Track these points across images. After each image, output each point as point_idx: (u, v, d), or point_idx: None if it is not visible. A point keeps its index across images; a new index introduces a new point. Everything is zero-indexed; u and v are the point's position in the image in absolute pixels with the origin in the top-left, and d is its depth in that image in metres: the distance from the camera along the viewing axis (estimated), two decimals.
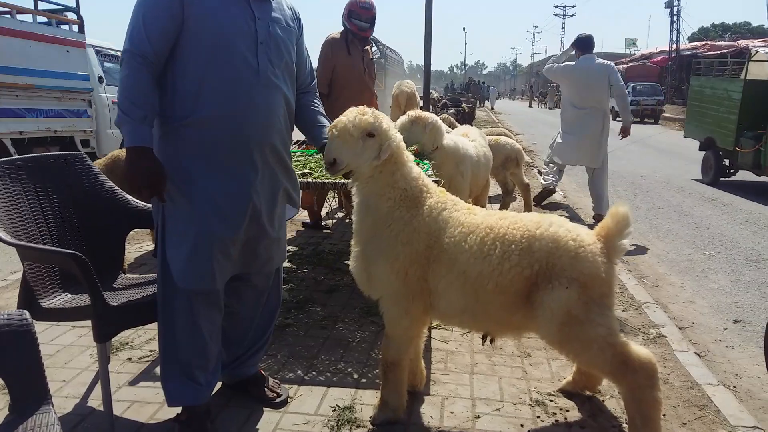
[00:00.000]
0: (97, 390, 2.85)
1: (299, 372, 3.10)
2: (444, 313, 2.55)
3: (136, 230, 4.04)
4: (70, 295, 2.71)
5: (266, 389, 2.84)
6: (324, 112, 2.81)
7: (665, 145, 16.77)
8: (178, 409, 2.59)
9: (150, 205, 3.02)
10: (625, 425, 2.67)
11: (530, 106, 45.25)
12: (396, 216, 2.46)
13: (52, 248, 2.43)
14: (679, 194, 9.13)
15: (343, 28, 5.55)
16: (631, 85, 24.72)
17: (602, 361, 2.35)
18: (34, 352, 1.69)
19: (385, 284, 2.53)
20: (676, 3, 30.61)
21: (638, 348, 2.39)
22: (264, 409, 2.76)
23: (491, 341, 2.81)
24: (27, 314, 1.71)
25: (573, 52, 7.28)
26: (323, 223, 6.29)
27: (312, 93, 2.80)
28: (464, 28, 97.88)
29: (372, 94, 5.70)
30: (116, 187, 3.07)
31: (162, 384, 2.57)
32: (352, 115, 2.44)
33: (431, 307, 2.54)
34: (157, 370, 2.82)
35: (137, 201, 3.04)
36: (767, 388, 3.25)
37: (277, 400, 2.80)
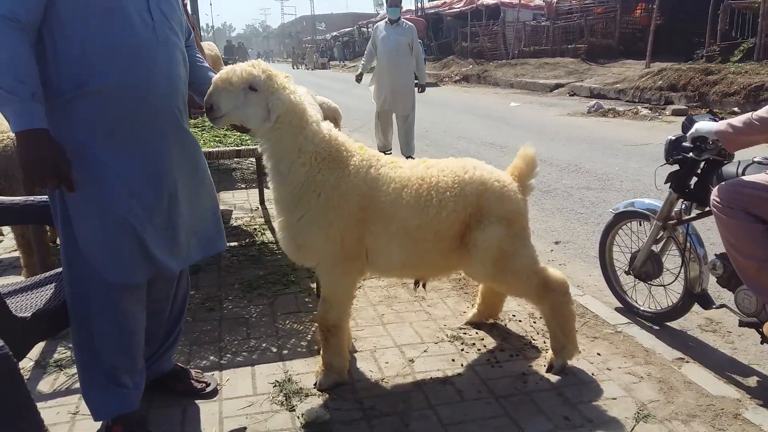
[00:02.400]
0: None
1: (212, 358, 2.89)
2: (383, 269, 2.59)
3: None
4: None
5: (192, 381, 2.61)
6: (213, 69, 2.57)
7: (439, 100, 18.16)
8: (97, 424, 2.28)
9: (6, 199, 2.54)
10: (532, 341, 3.02)
11: (295, 68, 45.30)
12: (319, 180, 2.39)
13: None
14: (463, 141, 10.07)
15: None
16: None
17: (529, 286, 2.62)
18: (18, 385, 1.37)
19: (320, 251, 2.47)
20: None
21: (553, 270, 2.70)
22: (196, 402, 2.54)
23: (423, 285, 2.92)
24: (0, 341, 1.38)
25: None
26: None
27: (193, 48, 2.50)
28: None
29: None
30: None
31: (84, 398, 2.24)
32: (240, 65, 2.30)
33: (369, 265, 2.55)
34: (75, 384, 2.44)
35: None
36: (607, 293, 3.86)
37: (208, 389, 2.59)
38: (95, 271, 2.09)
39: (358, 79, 8.50)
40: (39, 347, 2.98)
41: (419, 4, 31.51)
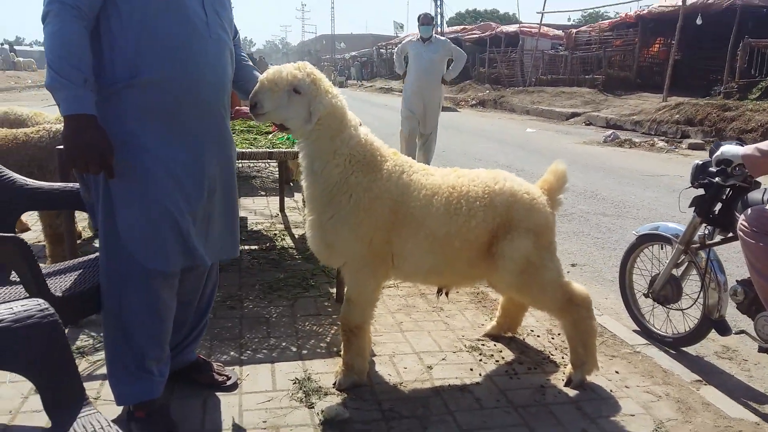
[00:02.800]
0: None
1: (233, 353, 2.92)
2: (409, 273, 2.62)
3: None
4: None
5: (213, 373, 2.64)
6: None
7: (455, 123, 18.27)
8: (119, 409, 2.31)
9: (42, 184, 2.60)
10: (550, 356, 3.03)
11: None
12: (352, 183, 2.44)
13: None
14: (480, 163, 10.13)
15: None
16: None
17: (554, 300, 2.64)
18: (62, 346, 1.41)
19: (348, 252, 2.51)
20: None
21: (577, 285, 2.72)
22: (216, 394, 2.57)
23: (446, 294, 2.95)
24: (44, 302, 1.42)
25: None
26: None
27: (239, 47, 2.59)
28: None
29: None
30: None
31: (110, 382, 2.28)
32: (287, 67, 2.37)
33: (395, 269, 2.59)
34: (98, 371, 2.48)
35: (25, 179, 2.58)
36: (624, 316, 3.87)
37: (228, 382, 2.62)
38: (133, 258, 2.14)
39: (403, 78, 7.91)
40: None
41: (439, 29, 31.84)
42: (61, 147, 2.86)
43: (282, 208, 5.70)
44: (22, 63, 42.00)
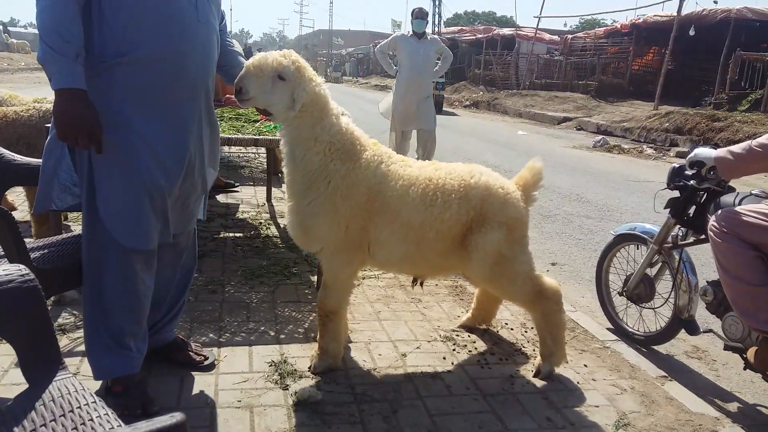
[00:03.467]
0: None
1: (212, 335, 2.98)
2: (383, 261, 2.69)
3: None
4: None
5: (191, 353, 2.70)
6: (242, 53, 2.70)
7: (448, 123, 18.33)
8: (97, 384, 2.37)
9: (30, 160, 2.65)
10: (522, 348, 3.10)
11: None
12: (331, 169, 2.50)
13: None
14: (468, 162, 10.21)
15: None
16: None
17: (524, 292, 2.71)
18: (41, 310, 1.47)
19: (325, 237, 2.57)
20: None
21: (548, 279, 2.80)
22: (193, 373, 2.63)
23: (421, 284, 3.02)
24: (25, 268, 1.48)
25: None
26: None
27: (225, 32, 2.62)
28: None
29: None
30: None
31: (88, 357, 2.33)
32: (273, 54, 2.42)
33: (370, 256, 2.65)
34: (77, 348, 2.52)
35: (13, 155, 2.63)
36: (598, 314, 3.95)
37: (205, 362, 2.68)
38: (111, 235, 2.19)
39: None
40: None
41: (437, 29, 31.95)
42: (50, 125, 2.91)
43: (269, 198, 5.75)
44: (16, 45, 41.68)
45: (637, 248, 3.58)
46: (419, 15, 7.35)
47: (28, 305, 1.42)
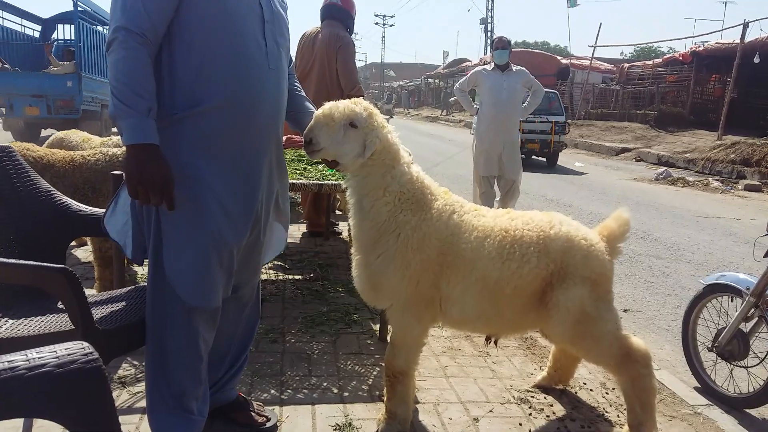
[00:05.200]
0: None
1: (273, 391, 2.85)
2: (456, 319, 2.51)
3: None
4: (13, 321, 2.21)
5: (252, 413, 2.56)
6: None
7: None
8: None
9: (96, 210, 2.60)
10: (605, 413, 2.85)
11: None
12: (401, 221, 2.36)
13: (33, 263, 1.95)
14: (527, 197, 9.96)
15: (330, 22, 5.25)
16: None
17: (610, 354, 2.48)
18: (106, 395, 1.35)
19: (395, 293, 2.42)
20: (489, 20, 33.54)
21: (636, 339, 2.56)
22: None
23: (495, 342, 2.82)
24: (89, 346, 1.37)
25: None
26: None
27: (293, 76, 2.55)
28: None
29: None
30: (53, 189, 2.58)
31: (149, 418, 2.21)
32: (343, 102, 2.32)
33: (442, 313, 2.48)
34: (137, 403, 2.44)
35: (79, 205, 2.59)
36: (680, 369, 3.66)
37: (268, 424, 2.54)
38: (175, 293, 2.10)
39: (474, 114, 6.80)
40: None
41: (487, 58, 31.91)
42: (117, 172, 2.88)
43: (327, 237, 5.66)
44: None
45: (731, 300, 3.28)
46: (500, 45, 6.44)
47: (90, 389, 1.31)
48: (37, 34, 16.20)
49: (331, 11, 5.26)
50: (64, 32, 16.18)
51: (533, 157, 14.85)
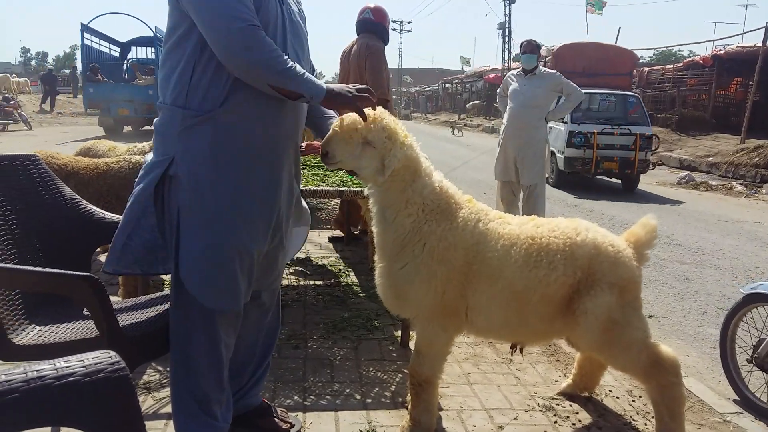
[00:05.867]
0: None
1: (296, 398, 2.84)
2: (482, 327, 2.49)
3: None
4: (40, 327, 2.23)
5: (276, 419, 2.56)
6: None
7: None
8: None
9: (120, 217, 2.61)
10: (632, 421, 2.80)
11: None
12: (426, 231, 2.34)
13: (58, 271, 1.97)
14: (548, 202, 9.88)
15: (366, 35, 5.29)
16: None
17: (638, 362, 2.44)
18: (133, 405, 1.35)
19: (420, 303, 2.40)
20: (507, 25, 33.41)
21: (665, 347, 2.52)
22: None
23: (520, 351, 2.79)
24: (115, 355, 1.37)
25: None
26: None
27: None
28: None
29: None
30: (77, 196, 2.60)
31: (174, 424, 2.22)
32: (362, 118, 2.29)
33: (468, 322, 2.46)
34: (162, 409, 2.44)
35: (104, 212, 2.61)
36: (707, 376, 3.59)
37: (292, 430, 2.53)
38: (196, 298, 2.10)
39: None
40: None
41: (506, 64, 31.76)
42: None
43: (347, 242, 5.65)
44: None
45: None
46: (527, 49, 6.22)
47: (116, 397, 1.30)
48: (116, 54, 22.53)
49: (365, 26, 5.33)
50: (139, 52, 22.58)
51: (612, 179, 11.92)
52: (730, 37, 22.87)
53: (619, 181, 11.70)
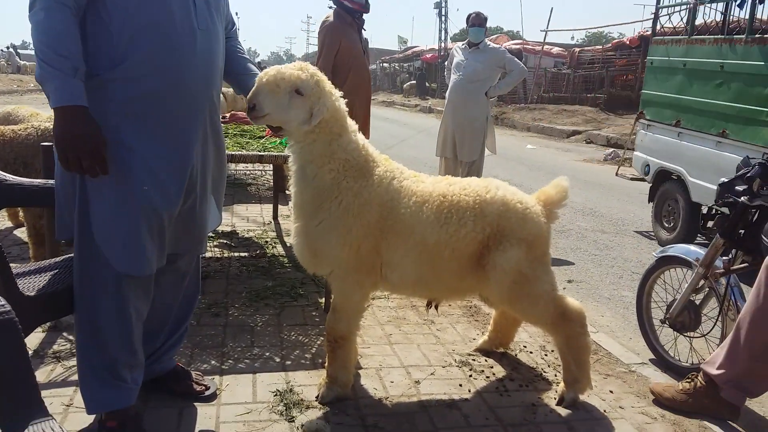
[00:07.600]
0: None
1: (213, 362, 2.82)
2: (397, 283, 2.52)
3: None
4: None
5: (191, 383, 2.54)
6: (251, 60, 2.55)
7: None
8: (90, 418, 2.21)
9: (22, 180, 2.51)
10: (543, 373, 2.92)
11: None
12: (343, 187, 2.36)
13: None
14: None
15: (334, 10, 5.03)
16: None
17: (547, 314, 2.54)
18: (19, 347, 1.32)
19: (335, 259, 2.42)
20: (443, 4, 33.52)
21: (571, 300, 2.63)
22: (194, 404, 2.46)
23: (436, 307, 2.85)
24: (6, 303, 1.33)
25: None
26: None
27: (234, 39, 2.49)
28: (236, 13, 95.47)
29: (370, 75, 5.10)
30: None
31: (81, 388, 2.17)
32: (288, 67, 2.27)
33: (383, 278, 2.49)
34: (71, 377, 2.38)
35: (5, 174, 2.49)
36: (619, 334, 3.77)
37: (206, 393, 2.52)
38: (105, 261, 2.05)
39: None
40: (39, 337, 2.92)
41: (443, 44, 31.93)
42: (47, 144, 2.78)
43: (275, 216, 5.61)
44: (27, 67, 42.04)
45: (684, 271, 3.23)
46: (476, 21, 5.91)
47: (4, 343, 1.27)
48: None
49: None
50: None
51: None
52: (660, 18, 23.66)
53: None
